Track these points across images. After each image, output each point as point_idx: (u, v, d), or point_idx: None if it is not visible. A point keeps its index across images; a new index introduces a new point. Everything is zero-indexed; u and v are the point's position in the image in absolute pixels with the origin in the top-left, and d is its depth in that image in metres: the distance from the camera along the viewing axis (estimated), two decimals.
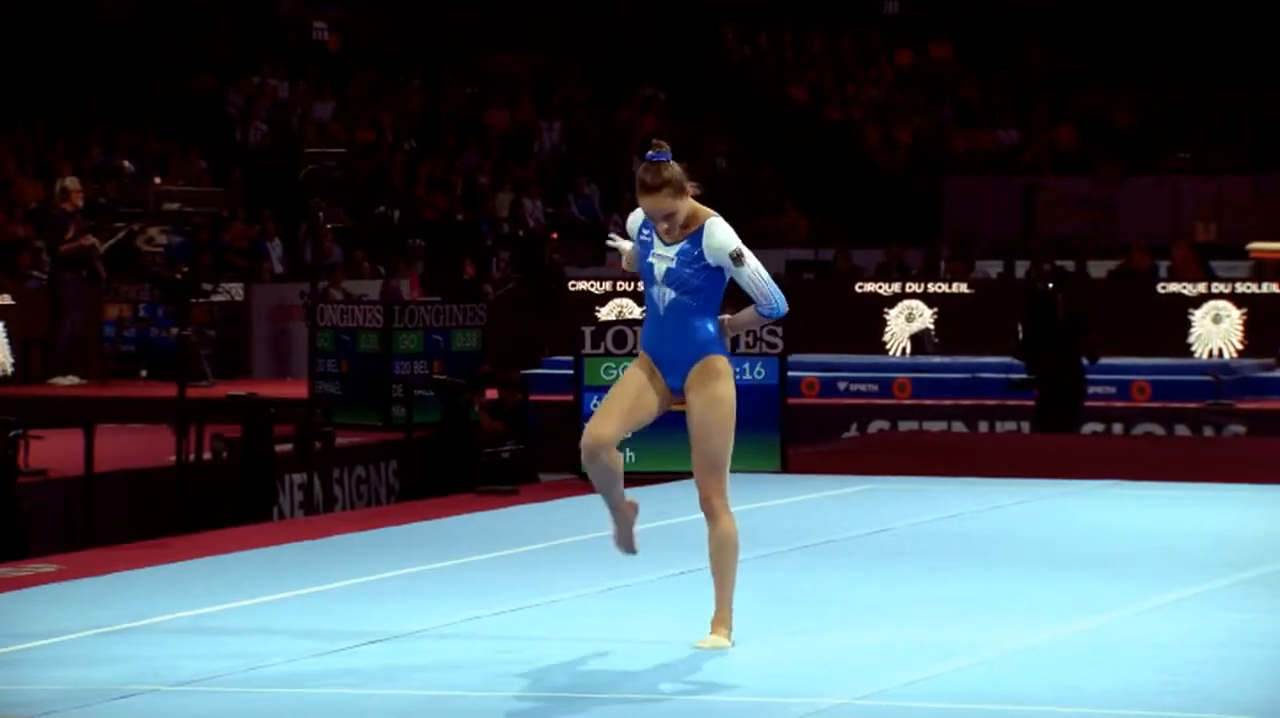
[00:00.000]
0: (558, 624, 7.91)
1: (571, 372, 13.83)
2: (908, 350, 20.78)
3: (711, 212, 7.29)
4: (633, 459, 13.35)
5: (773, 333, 13.44)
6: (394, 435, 15.76)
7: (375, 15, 29.97)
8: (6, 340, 19.74)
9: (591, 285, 22.22)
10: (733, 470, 13.46)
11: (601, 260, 25.34)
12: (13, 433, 11.75)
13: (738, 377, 13.17)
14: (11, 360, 19.78)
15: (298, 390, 17.68)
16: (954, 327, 20.71)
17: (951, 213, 26.88)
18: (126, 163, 23.81)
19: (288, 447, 13.89)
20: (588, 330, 13.58)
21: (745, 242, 7.38)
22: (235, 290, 21.17)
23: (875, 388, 18.82)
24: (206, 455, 13.29)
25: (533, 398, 16.23)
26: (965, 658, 7.21)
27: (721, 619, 7.35)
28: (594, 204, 27.68)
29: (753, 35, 30.76)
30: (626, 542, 7.64)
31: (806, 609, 8.29)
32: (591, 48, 30.35)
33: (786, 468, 13.38)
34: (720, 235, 7.23)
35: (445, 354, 16.93)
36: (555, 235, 26.09)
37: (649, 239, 7.32)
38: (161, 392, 16.59)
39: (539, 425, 15.70)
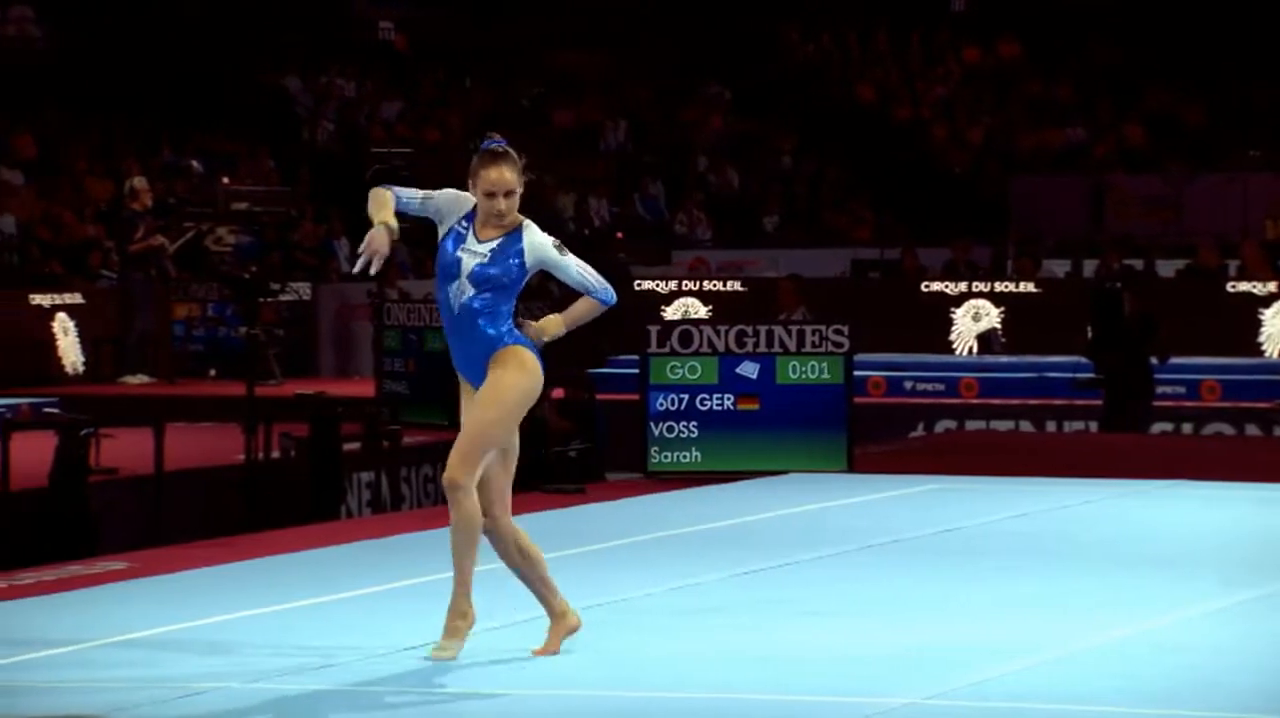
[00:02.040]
0: (624, 623, 7.92)
1: (637, 371, 13.85)
2: (974, 350, 20.71)
3: (524, 217, 7.16)
4: (699, 459, 13.36)
5: (839, 332, 13.42)
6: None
7: (442, 15, 30.05)
8: (77, 340, 19.90)
9: (657, 284, 22.22)
10: (799, 470, 13.48)
11: (667, 260, 25.34)
12: (84, 432, 11.83)
13: (804, 375, 13.32)
14: (82, 359, 19.93)
15: (364, 389, 17.76)
16: (1021, 326, 20.63)
17: (1019, 212, 26.76)
18: (196, 163, 23.98)
19: (355, 445, 13.95)
20: (653, 329, 13.60)
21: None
22: (303, 290, 21.27)
23: (942, 387, 18.77)
24: (275, 454, 13.36)
25: (599, 397, 16.25)
26: (1032, 658, 7.19)
27: (456, 611, 7.05)
28: (659, 203, 27.69)
29: (818, 33, 30.70)
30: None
31: (874, 609, 8.28)
32: (657, 46, 30.35)
33: (852, 468, 13.36)
34: (541, 233, 7.15)
35: None
36: (620, 234, 26.12)
37: (464, 231, 7.10)
38: (230, 390, 16.67)
39: (605, 424, 15.71)
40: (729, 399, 13.36)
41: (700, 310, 21.10)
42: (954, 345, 20.84)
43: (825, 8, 30.61)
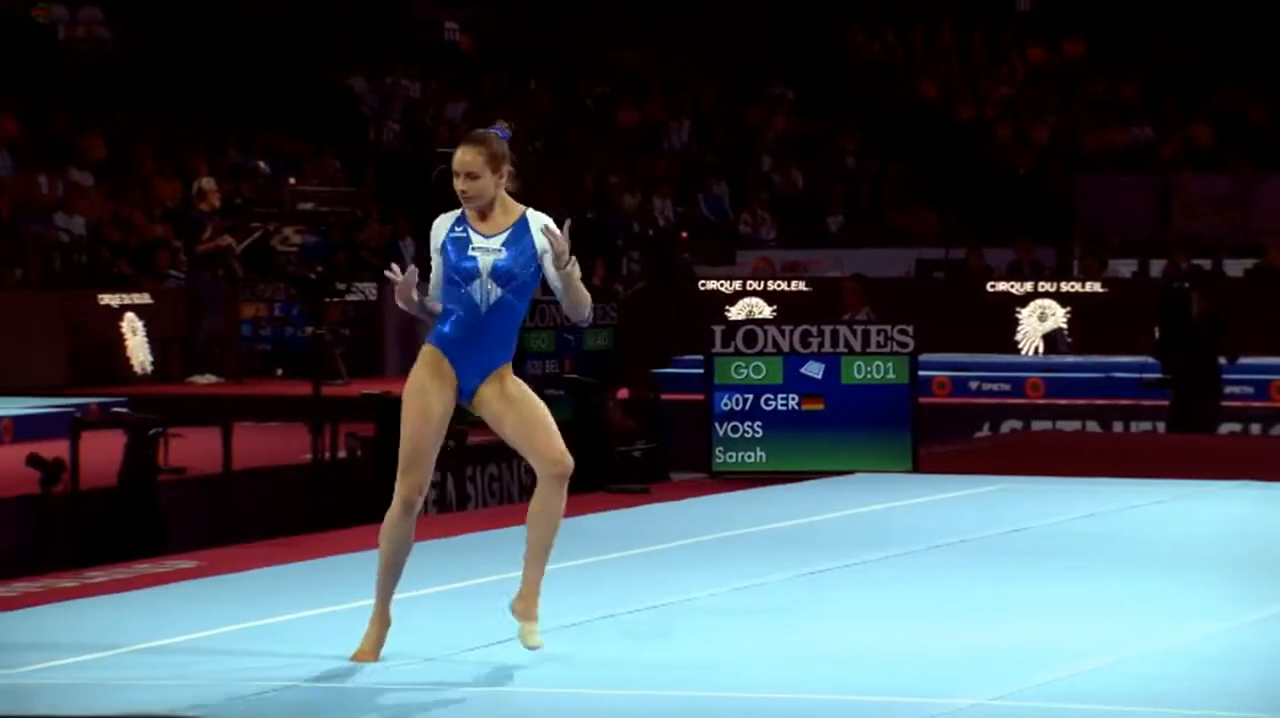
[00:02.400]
0: (689, 623, 7.92)
1: (702, 370, 13.85)
2: (1040, 350, 20.63)
3: (526, 206, 7.06)
4: (764, 459, 13.36)
5: (904, 332, 13.40)
6: None
7: (506, 15, 30.11)
8: (146, 340, 20.03)
9: (721, 284, 22.22)
10: (865, 470, 13.46)
11: (731, 260, 25.33)
12: (152, 431, 11.92)
13: (869, 375, 13.29)
14: (150, 359, 20.06)
15: None
16: (1087, 326, 20.55)
17: (1084, 211, 26.64)
18: (262, 163, 24.10)
19: None
20: (718, 329, 13.60)
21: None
22: (369, 289, 21.36)
23: (1008, 387, 18.71)
24: (341, 454, 13.42)
25: (663, 397, 16.26)
26: (1100, 659, 7.16)
27: (530, 597, 6.99)
28: (723, 203, 27.67)
29: (882, 32, 30.63)
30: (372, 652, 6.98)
31: (940, 609, 8.26)
32: (721, 46, 30.34)
33: (918, 468, 13.34)
34: (545, 221, 7.01)
35: (576, 353, 16.99)
36: (685, 234, 26.12)
37: (464, 235, 6.94)
38: (297, 390, 16.75)
39: (670, 424, 15.72)
40: (794, 399, 13.35)
41: (765, 310, 21.10)
42: (1019, 345, 20.77)
43: (890, 7, 30.54)
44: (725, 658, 7.20)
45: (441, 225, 7.04)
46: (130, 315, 19.95)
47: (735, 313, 21.03)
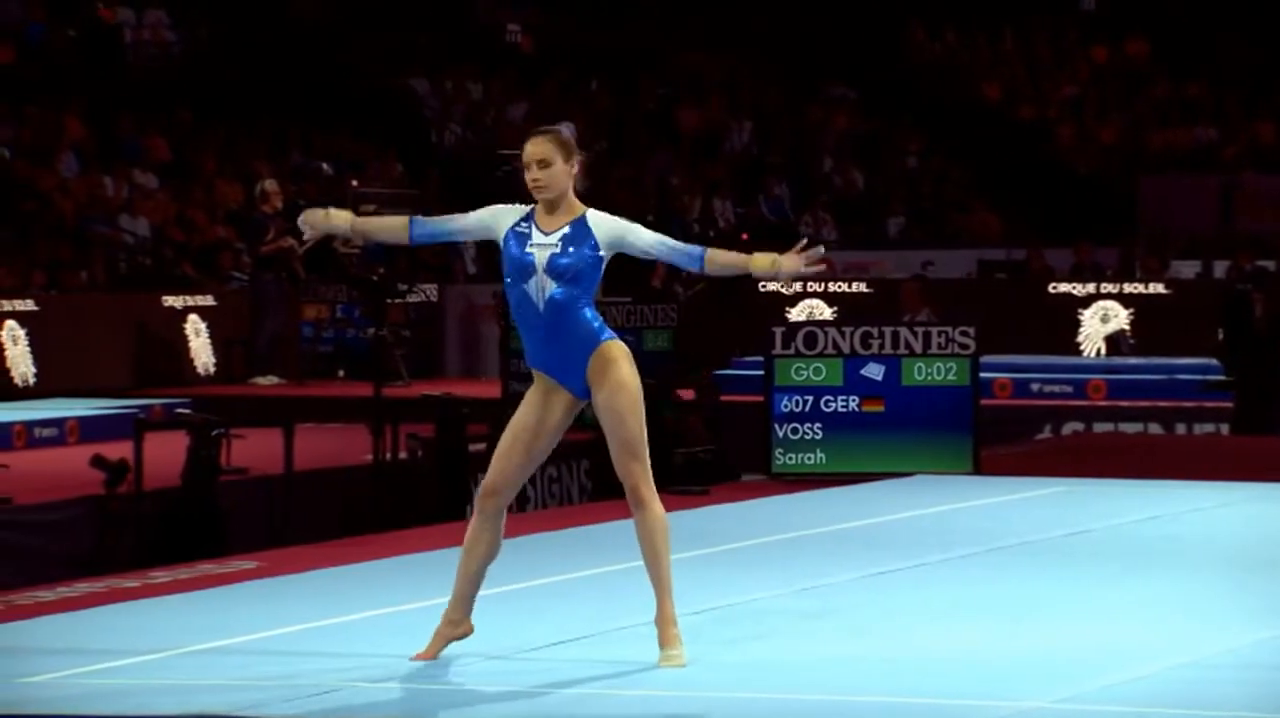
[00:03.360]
0: (752, 624, 7.92)
1: (762, 372, 13.84)
2: (1102, 352, 20.54)
3: (588, 207, 7.05)
4: (824, 460, 13.34)
5: (965, 333, 13.36)
6: (586, 435, 15.84)
7: (567, 17, 30.16)
8: (209, 341, 20.14)
9: (782, 286, 22.17)
10: (925, 471, 13.42)
11: None
12: (215, 432, 11.98)
13: (930, 377, 13.25)
14: (213, 361, 20.17)
15: (491, 390, 17.83)
16: (1150, 327, 20.43)
17: (1147, 212, 26.50)
18: (325, 165, 24.20)
19: (481, 446, 14.01)
20: (778, 331, 13.59)
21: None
22: (430, 291, 21.41)
23: (1069, 389, 18.62)
24: (402, 455, 13.46)
25: (723, 398, 16.25)
26: (1163, 662, 7.12)
27: (668, 619, 6.90)
28: (784, 204, 27.64)
29: (943, 33, 30.55)
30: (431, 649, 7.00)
31: (1002, 612, 8.24)
32: (782, 47, 30.30)
33: (979, 469, 13.30)
34: (608, 216, 7.01)
35: (636, 354, 16.98)
36: (745, 236, 26.09)
37: (526, 230, 6.93)
38: (358, 391, 16.82)
39: (730, 426, 15.71)
40: (854, 401, 13.33)
41: (825, 312, 21.05)
42: (1081, 347, 20.68)
43: (952, 7, 30.45)
44: (787, 660, 7.19)
45: (508, 214, 7.05)
46: (193, 317, 20.06)
47: (795, 314, 21.00)
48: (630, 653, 7.27)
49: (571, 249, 6.94)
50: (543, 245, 6.94)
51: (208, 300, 20.30)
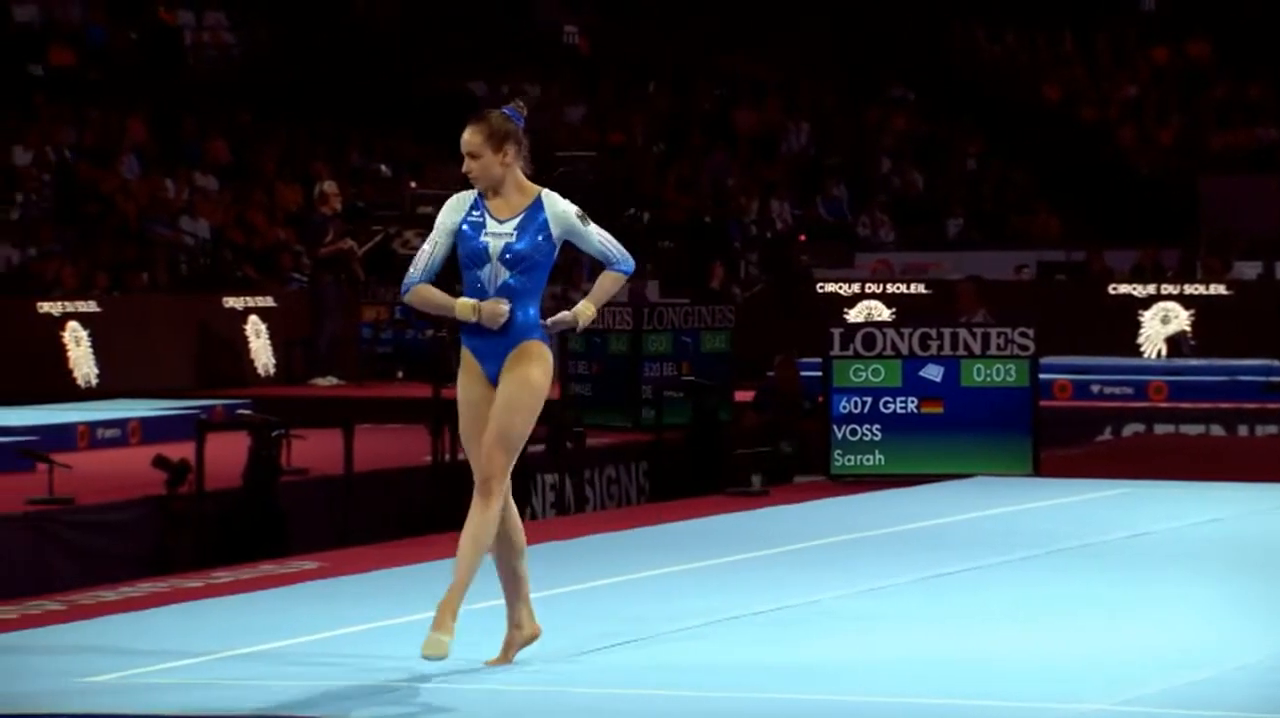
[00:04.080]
0: (814, 625, 7.91)
1: (820, 373, 13.82)
2: (1163, 353, 20.43)
3: (541, 187, 6.98)
4: (883, 462, 13.31)
5: (1024, 334, 13.31)
6: (644, 436, 15.88)
7: (625, 19, 30.18)
8: (269, 342, 20.23)
9: (840, 287, 22.15)
10: (985, 473, 13.37)
11: (850, 262, 25.25)
12: (275, 433, 12.02)
13: (989, 378, 13.21)
14: (273, 362, 20.26)
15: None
16: (1211, 328, 20.31)
17: (1209, 213, 26.34)
18: (384, 167, 24.29)
19: (539, 447, 14.04)
20: (836, 332, 13.56)
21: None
22: None
23: (1130, 391, 18.53)
24: (461, 455, 13.47)
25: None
26: (1224, 664, 7.09)
27: (450, 609, 6.73)
28: (842, 205, 27.60)
29: (1003, 34, 30.44)
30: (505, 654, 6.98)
31: (1063, 613, 8.21)
32: (840, 48, 30.26)
33: (1039, 471, 13.25)
34: (562, 201, 6.96)
35: (694, 356, 17.00)
36: (803, 237, 26.05)
37: (480, 219, 6.91)
38: (417, 392, 16.87)
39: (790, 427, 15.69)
40: (913, 402, 13.29)
41: (883, 313, 21.00)
42: (1142, 348, 20.57)
43: (1012, 8, 30.34)
44: (848, 662, 7.18)
45: (456, 207, 7.01)
46: (254, 318, 20.15)
47: (854, 315, 20.95)
48: (687, 655, 7.27)
49: (525, 237, 6.90)
50: (497, 235, 6.91)
51: (268, 302, 20.39)
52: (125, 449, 14.85)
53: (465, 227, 6.95)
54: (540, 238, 6.91)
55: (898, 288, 21.86)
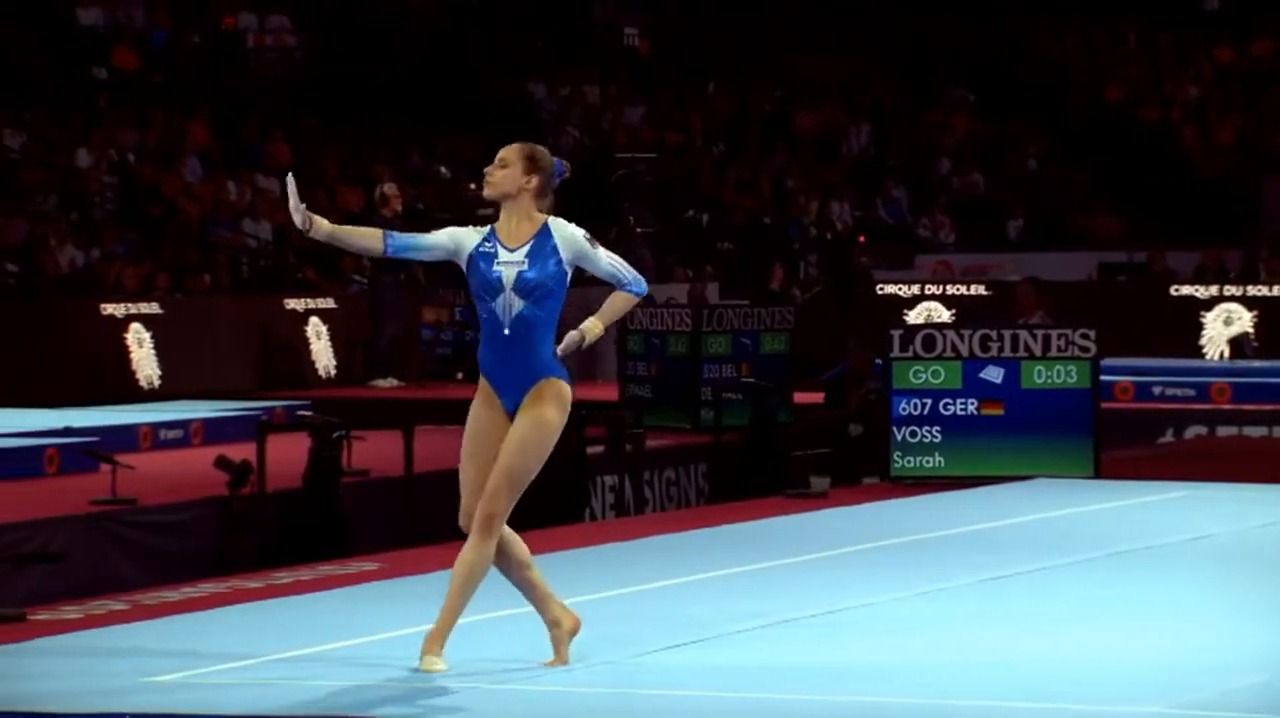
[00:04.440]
0: (872, 628, 7.90)
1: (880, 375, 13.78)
2: (1226, 354, 20.32)
3: (547, 215, 6.99)
4: (942, 464, 13.28)
5: (1085, 336, 13.26)
6: (703, 438, 15.88)
7: (685, 20, 30.18)
8: (329, 344, 20.31)
9: (900, 288, 22.11)
10: (1045, 475, 13.32)
11: (910, 263, 25.19)
12: (336, 434, 12.07)
13: (1050, 380, 13.16)
14: (334, 363, 20.34)
15: (608, 393, 17.90)
16: (1274, 330, 20.19)
17: (1272, 213, 26.18)
18: (444, 169, 24.35)
19: (599, 449, 14.07)
20: (896, 334, 13.54)
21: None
22: None
23: (1192, 393, 18.43)
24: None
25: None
26: None
27: (437, 640, 6.88)
28: (902, 207, 27.54)
29: (1065, 34, 30.32)
30: (560, 655, 7.01)
31: (1123, 616, 8.18)
32: (900, 49, 30.19)
33: (1099, 473, 13.19)
34: (569, 225, 6.99)
35: (753, 357, 17.00)
36: (863, 238, 26.01)
37: (492, 249, 6.91)
38: None
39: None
40: (973, 404, 13.26)
41: (943, 314, 20.95)
42: (1204, 350, 20.47)
43: (1073, 8, 30.21)
44: (906, 664, 7.18)
45: (469, 235, 7.02)
46: (315, 320, 20.24)
47: (914, 317, 20.91)
48: (746, 656, 7.27)
49: (537, 264, 6.93)
50: (509, 263, 6.92)
51: (329, 303, 20.47)
52: (187, 450, 14.94)
53: (478, 256, 6.96)
54: (552, 263, 6.94)
55: (958, 289, 21.80)
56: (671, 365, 16.88)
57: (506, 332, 6.93)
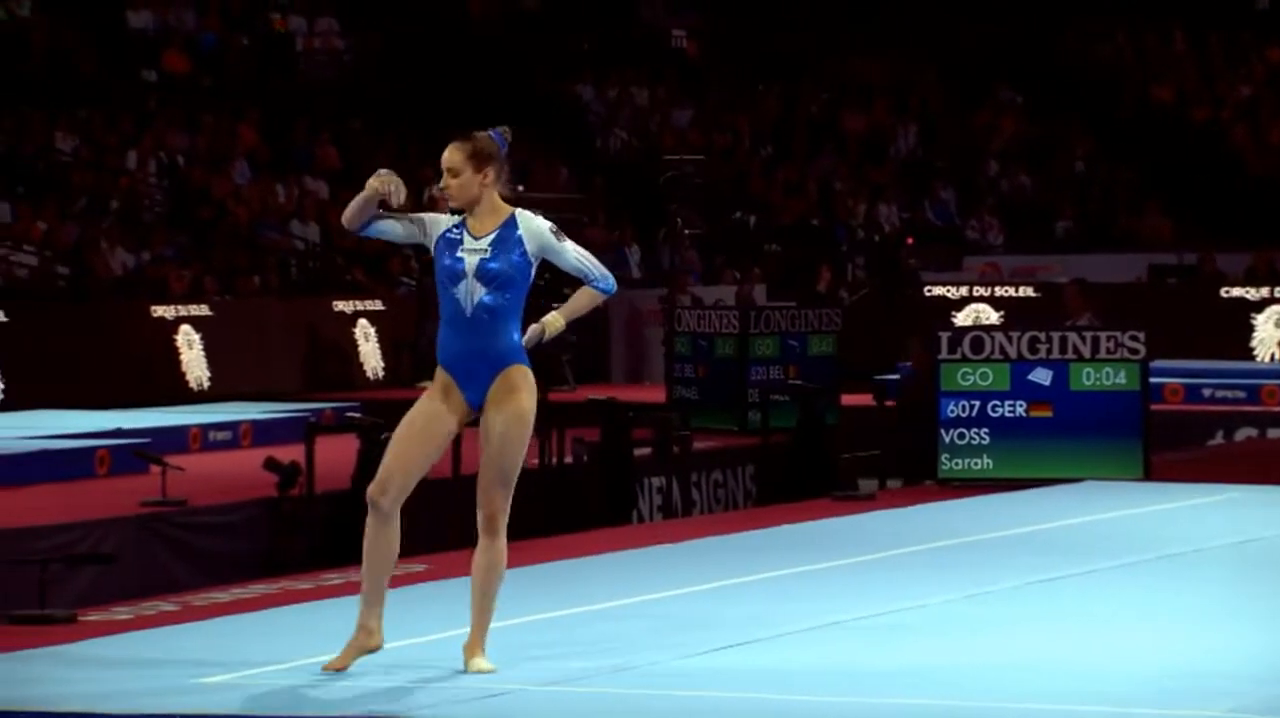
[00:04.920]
0: (922, 629, 7.89)
1: None
2: (1277, 357, 20.22)
3: (515, 207, 7.00)
4: (990, 466, 13.24)
5: (1134, 338, 13.21)
6: (750, 440, 15.88)
7: (733, 21, 30.17)
8: (377, 345, 20.37)
9: (947, 290, 22.06)
10: (1094, 477, 13.27)
11: (958, 265, 25.13)
12: (384, 435, 12.09)
13: (1099, 382, 13.11)
14: (382, 365, 20.40)
15: (656, 395, 17.92)
16: None
17: None
18: None
19: (646, 451, 14.08)
20: (944, 335, 13.51)
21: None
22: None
23: (1242, 395, 18.34)
24: (568, 459, 13.54)
25: (888, 403, 16.21)
26: None
27: (478, 643, 6.97)
28: (950, 208, 27.47)
29: (1113, 34, 30.20)
30: (342, 659, 6.98)
31: (1172, 619, 8.15)
32: (948, 51, 30.12)
33: (1149, 475, 13.14)
34: (536, 218, 6.99)
35: (801, 359, 16.99)
36: (910, 240, 25.95)
37: (458, 236, 6.95)
38: None
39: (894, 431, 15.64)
40: (1021, 406, 13.22)
41: (992, 316, 20.90)
42: (1255, 352, 20.37)
43: (1123, 8, 30.09)
44: (955, 666, 7.16)
45: (440, 221, 7.07)
46: (363, 322, 20.31)
47: (962, 319, 20.86)
48: (793, 659, 7.27)
49: (501, 254, 6.94)
50: (473, 251, 6.94)
51: (377, 305, 20.54)
52: (236, 452, 15.01)
53: (443, 242, 7.00)
54: (516, 254, 6.95)
55: (1006, 291, 21.75)
56: (719, 367, 16.88)
57: (469, 315, 6.93)
